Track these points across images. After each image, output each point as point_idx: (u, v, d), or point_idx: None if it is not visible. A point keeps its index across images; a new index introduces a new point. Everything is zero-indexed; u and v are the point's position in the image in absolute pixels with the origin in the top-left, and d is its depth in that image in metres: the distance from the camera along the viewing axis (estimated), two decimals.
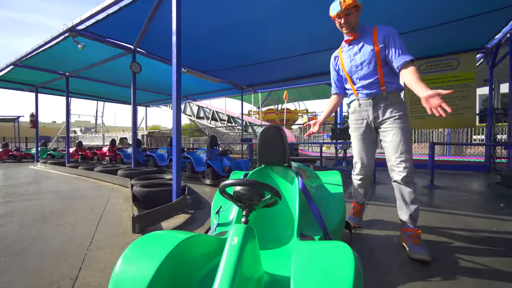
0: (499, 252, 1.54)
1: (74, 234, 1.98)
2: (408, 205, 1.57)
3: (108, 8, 3.33)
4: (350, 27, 1.61)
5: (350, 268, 0.69)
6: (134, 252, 0.86)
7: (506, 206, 2.53)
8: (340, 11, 1.55)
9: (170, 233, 0.99)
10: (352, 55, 1.67)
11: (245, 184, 0.99)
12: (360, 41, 1.64)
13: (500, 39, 4.53)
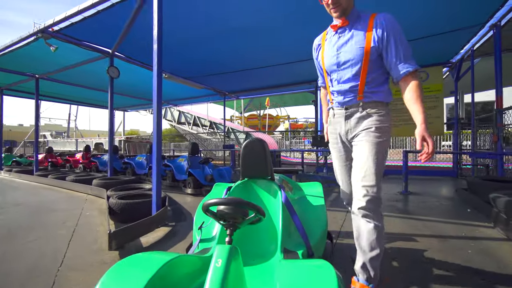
0: (470, 259, 1.65)
1: (44, 252, 1.84)
2: (364, 250, 1.16)
3: (84, 11, 3.19)
4: (341, 8, 1.20)
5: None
6: (113, 278, 0.82)
7: (472, 211, 2.73)
8: None
9: (151, 255, 0.95)
10: (337, 48, 1.26)
11: (229, 203, 0.98)
12: (350, 31, 1.23)
13: (463, 54, 4.93)
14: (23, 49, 4.50)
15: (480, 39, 4.18)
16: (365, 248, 1.16)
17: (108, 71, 4.47)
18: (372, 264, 1.15)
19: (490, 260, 1.63)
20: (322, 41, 1.37)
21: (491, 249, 1.79)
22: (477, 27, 3.72)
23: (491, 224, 2.27)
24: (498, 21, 3.51)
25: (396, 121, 5.83)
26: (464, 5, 3.13)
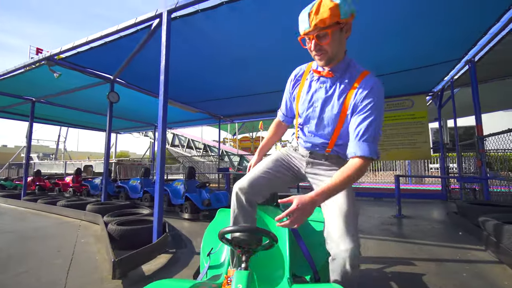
0: (466, 283, 1.72)
1: (41, 284, 1.79)
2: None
3: (92, 42, 3.36)
4: (326, 56, 1.03)
5: None
6: None
7: (463, 233, 2.83)
8: (309, 30, 0.97)
9: (171, 282, 1.00)
10: (315, 100, 1.14)
11: (245, 230, 1.05)
12: (332, 87, 1.09)
13: (443, 85, 5.34)
14: (24, 75, 4.59)
15: (458, 72, 4.58)
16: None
17: (108, 96, 4.58)
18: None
19: (485, 283, 1.70)
20: (303, 79, 1.21)
21: (485, 272, 1.88)
22: (454, 61, 4.10)
23: (483, 247, 2.37)
24: (472, 57, 3.90)
25: (386, 145, 6.09)
26: (441, 43, 3.48)
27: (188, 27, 3.05)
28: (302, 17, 0.99)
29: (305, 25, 0.98)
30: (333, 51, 1.03)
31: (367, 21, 2.98)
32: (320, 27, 0.95)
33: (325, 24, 0.94)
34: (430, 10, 2.76)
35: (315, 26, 0.95)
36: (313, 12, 0.94)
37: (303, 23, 0.99)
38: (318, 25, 0.94)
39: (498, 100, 6.82)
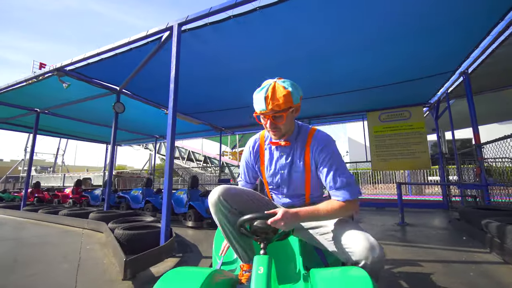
0: (473, 281, 1.75)
1: (51, 285, 1.79)
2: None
3: (103, 54, 3.50)
4: (279, 133, 1.17)
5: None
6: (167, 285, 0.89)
7: (467, 238, 2.86)
8: (265, 110, 1.09)
9: (191, 269, 1.04)
10: (279, 167, 1.25)
11: (262, 217, 1.11)
12: (290, 154, 1.22)
13: (439, 96, 5.52)
14: (30, 86, 4.71)
15: (452, 84, 4.76)
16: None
17: (114, 106, 4.68)
18: None
19: (491, 282, 1.73)
20: (261, 150, 1.31)
21: (490, 271, 1.90)
22: (448, 73, 4.29)
23: (487, 249, 2.40)
24: (466, 69, 4.08)
25: (385, 155, 6.18)
26: (435, 56, 3.66)
27: (195, 39, 3.20)
28: (258, 98, 1.11)
29: (261, 106, 1.09)
30: (286, 129, 1.17)
31: (365, 36, 3.17)
32: (276, 110, 1.08)
33: (280, 108, 1.07)
34: (423, 23, 2.95)
35: (271, 109, 1.08)
36: (269, 97, 1.07)
37: (259, 104, 1.10)
38: (274, 109, 1.07)
39: (491, 112, 7.02)
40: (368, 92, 5.16)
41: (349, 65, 3.99)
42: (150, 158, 14.42)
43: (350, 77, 4.44)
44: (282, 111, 1.08)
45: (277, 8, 2.63)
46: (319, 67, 4.00)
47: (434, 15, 2.81)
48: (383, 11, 2.75)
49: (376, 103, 6.06)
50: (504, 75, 4.44)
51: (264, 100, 1.07)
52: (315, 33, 3.12)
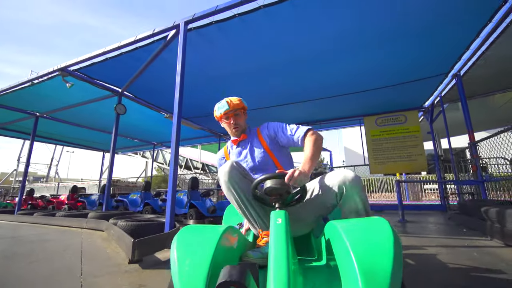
0: (478, 258, 1.78)
1: (56, 268, 1.76)
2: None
3: (108, 53, 3.59)
4: (240, 129, 1.53)
5: (389, 231, 0.79)
6: (187, 237, 0.91)
7: (468, 230, 2.90)
8: (229, 110, 1.46)
9: (208, 225, 1.06)
10: (243, 156, 1.53)
11: (277, 176, 1.15)
12: (248, 142, 1.54)
13: (433, 100, 5.70)
14: (29, 88, 4.74)
15: (446, 87, 4.95)
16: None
17: (116, 108, 4.72)
18: None
19: (495, 259, 1.76)
20: (226, 155, 1.63)
21: (494, 252, 1.94)
22: (441, 76, 4.47)
23: (488, 237, 2.44)
24: (458, 71, 4.26)
25: (383, 159, 6.27)
26: (428, 57, 3.83)
27: (200, 38, 3.32)
28: (221, 104, 1.50)
29: (225, 108, 1.48)
30: (243, 125, 1.56)
31: (360, 38, 3.32)
32: (236, 108, 1.50)
33: (239, 107, 1.51)
34: (415, 26, 3.11)
35: (232, 107, 1.48)
36: (230, 101, 1.49)
37: (223, 107, 1.49)
38: (234, 107, 1.49)
39: (479, 120, 7.22)
40: (364, 96, 5.31)
41: (344, 67, 4.14)
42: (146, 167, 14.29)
43: (346, 79, 4.58)
44: (240, 109, 1.52)
45: (280, 7, 2.77)
46: (320, 68, 4.13)
47: (424, 17, 2.97)
48: (376, 14, 2.91)
49: (372, 107, 6.21)
50: (495, 79, 4.64)
51: (226, 103, 1.48)
52: (315, 33, 3.27)
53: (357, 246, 0.76)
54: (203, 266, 0.77)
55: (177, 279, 0.75)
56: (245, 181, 1.27)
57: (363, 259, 0.71)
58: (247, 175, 1.29)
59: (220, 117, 1.52)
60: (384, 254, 0.71)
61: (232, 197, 1.25)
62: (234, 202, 1.26)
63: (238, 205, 1.28)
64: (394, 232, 0.79)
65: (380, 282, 0.66)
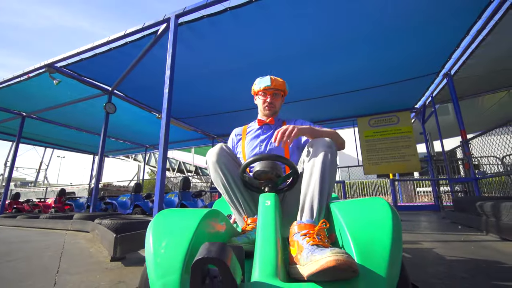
0: (475, 251, 1.73)
1: (33, 267, 1.63)
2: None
3: (97, 48, 3.49)
4: (274, 110, 1.43)
5: (388, 210, 0.72)
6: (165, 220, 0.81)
7: (463, 227, 2.86)
8: (269, 86, 1.38)
9: (188, 209, 0.96)
10: (260, 141, 1.41)
11: (264, 157, 1.08)
12: (272, 129, 1.43)
13: (425, 101, 5.75)
14: (15, 86, 4.60)
15: (437, 87, 4.99)
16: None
17: (105, 106, 4.61)
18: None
19: (492, 251, 1.72)
20: (243, 133, 1.51)
21: (490, 245, 1.90)
22: (432, 75, 4.51)
23: (484, 232, 2.41)
24: (449, 70, 4.30)
25: (377, 159, 6.27)
26: (418, 56, 3.85)
27: (191, 33, 3.26)
28: (264, 79, 1.43)
29: (267, 83, 1.40)
30: (278, 107, 1.47)
31: (346, 36, 3.32)
32: (277, 88, 1.41)
33: (280, 88, 1.42)
34: (405, 24, 3.12)
35: (274, 86, 1.40)
36: (273, 79, 1.41)
37: (264, 82, 1.41)
38: (276, 87, 1.40)
39: (468, 123, 7.31)
40: (357, 96, 5.31)
41: (336, 66, 4.14)
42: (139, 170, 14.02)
43: (338, 78, 4.57)
44: (280, 90, 1.43)
45: (271, 1, 2.74)
46: (311, 65, 4.12)
47: (414, 14, 2.98)
48: (367, 12, 2.91)
49: (365, 108, 6.23)
50: (485, 79, 4.71)
51: (269, 79, 1.40)
52: (308, 29, 3.25)
53: (353, 223, 0.69)
54: (181, 248, 0.68)
55: (151, 262, 0.66)
56: (234, 164, 1.17)
57: (359, 235, 0.65)
58: (236, 159, 1.20)
59: (258, 92, 1.44)
60: (382, 228, 0.65)
61: (218, 179, 1.14)
62: (220, 185, 1.15)
63: (225, 188, 1.15)
64: (392, 208, 0.72)
65: (378, 257, 0.59)
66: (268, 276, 0.61)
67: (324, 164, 0.93)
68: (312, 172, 0.94)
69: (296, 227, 0.80)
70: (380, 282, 0.55)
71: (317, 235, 0.72)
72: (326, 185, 0.91)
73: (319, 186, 0.89)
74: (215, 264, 0.54)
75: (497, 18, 3.07)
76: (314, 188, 0.90)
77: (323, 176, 0.91)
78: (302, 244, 0.70)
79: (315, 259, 0.58)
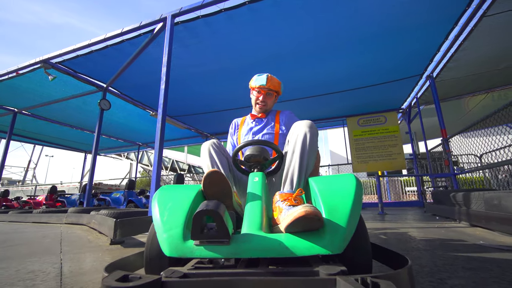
0: (445, 234, 1.92)
1: (34, 252, 1.73)
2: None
3: (94, 45, 3.57)
4: (265, 108, 1.56)
5: (353, 182, 0.89)
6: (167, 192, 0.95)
7: (440, 218, 3.08)
8: (264, 86, 1.50)
9: (185, 185, 1.09)
10: (252, 133, 1.54)
11: (253, 143, 1.23)
12: (263, 121, 1.57)
13: (410, 102, 6.02)
14: (11, 81, 4.60)
15: (421, 88, 5.26)
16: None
17: (100, 103, 4.66)
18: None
19: (460, 235, 1.91)
20: (241, 124, 1.66)
21: (459, 230, 2.09)
22: (416, 77, 4.76)
23: (457, 221, 2.62)
24: (431, 72, 4.56)
25: (365, 157, 6.51)
26: (402, 59, 4.09)
27: (187, 32, 3.38)
28: (260, 77, 1.54)
29: (262, 82, 1.51)
30: (269, 106, 1.58)
31: (334, 39, 3.51)
32: (271, 89, 1.53)
33: (275, 88, 1.54)
34: (389, 26, 3.33)
35: (268, 86, 1.51)
36: (269, 79, 1.52)
37: (260, 80, 1.52)
38: (270, 87, 1.52)
39: (452, 123, 7.67)
40: (346, 97, 5.54)
41: (325, 67, 4.33)
42: (131, 169, 13.94)
43: (328, 79, 4.77)
44: (275, 91, 1.56)
45: (263, 4, 2.89)
46: (302, 66, 4.29)
47: (397, 19, 3.18)
48: (353, 17, 3.10)
49: (355, 108, 6.47)
50: (464, 82, 4.99)
51: (266, 78, 1.51)
52: (298, 32, 3.42)
53: (324, 191, 0.85)
54: (183, 209, 0.83)
55: (159, 220, 0.80)
56: (223, 157, 1.30)
57: (328, 199, 0.80)
58: (224, 153, 1.33)
59: (253, 88, 1.56)
60: (346, 194, 0.81)
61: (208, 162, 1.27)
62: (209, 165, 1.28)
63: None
64: (358, 181, 0.88)
65: (340, 214, 0.74)
66: (254, 229, 0.76)
67: (304, 143, 1.08)
68: (294, 149, 1.09)
69: (278, 196, 0.95)
70: (340, 231, 0.71)
71: (294, 199, 0.87)
72: (305, 161, 1.06)
73: (299, 162, 1.04)
74: (212, 215, 0.69)
75: (472, 24, 3.31)
76: (295, 164, 1.05)
77: (302, 153, 1.06)
78: (282, 207, 0.86)
79: (290, 213, 0.73)
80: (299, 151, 1.06)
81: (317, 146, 1.13)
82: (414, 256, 1.25)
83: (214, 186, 0.92)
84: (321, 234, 0.71)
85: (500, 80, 5.05)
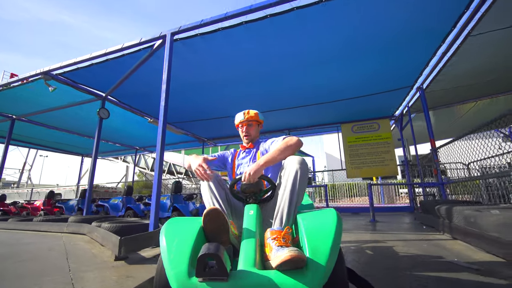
0: (426, 249, 2.08)
1: (44, 267, 1.84)
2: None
3: (95, 59, 3.66)
4: (250, 138, 1.73)
5: (334, 219, 1.04)
6: (173, 226, 1.09)
7: (427, 228, 3.25)
8: (243, 120, 1.71)
9: (191, 217, 1.24)
10: (245, 163, 1.69)
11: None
12: (252, 151, 1.72)
13: (402, 110, 6.21)
14: (10, 90, 4.67)
15: (412, 98, 5.44)
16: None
17: (99, 112, 4.74)
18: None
19: (439, 248, 2.07)
20: (235, 155, 1.81)
21: (441, 244, 2.25)
22: (407, 88, 4.93)
23: (441, 232, 2.78)
24: (421, 84, 4.74)
25: (358, 163, 6.68)
26: (394, 72, 4.25)
27: (185, 48, 3.50)
28: (239, 114, 1.76)
29: (241, 118, 1.73)
30: (254, 135, 1.76)
31: (329, 53, 3.66)
32: (249, 119, 1.73)
33: (253, 119, 1.73)
34: (382, 41, 3.47)
35: (247, 119, 1.72)
36: (246, 113, 1.73)
37: (239, 117, 1.75)
38: (248, 119, 1.73)
39: (440, 131, 7.87)
40: (341, 105, 5.70)
41: (321, 78, 4.48)
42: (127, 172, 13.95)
43: (322, 90, 4.93)
44: (253, 121, 1.75)
45: (260, 24, 3.02)
46: (297, 78, 4.44)
47: (389, 35, 3.34)
48: (347, 31, 3.24)
49: (349, 115, 6.64)
50: (453, 92, 5.18)
51: (243, 114, 1.74)
52: (293, 48, 3.55)
53: (308, 229, 0.99)
54: (187, 247, 0.96)
55: (166, 258, 0.93)
56: (221, 190, 1.40)
57: (311, 237, 0.94)
58: (223, 185, 1.43)
59: (237, 125, 1.78)
60: (327, 232, 0.95)
61: (208, 196, 1.39)
62: (210, 200, 1.39)
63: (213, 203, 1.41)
64: (338, 216, 1.03)
65: (321, 252, 0.88)
66: (249, 266, 0.89)
67: (294, 179, 1.21)
68: (286, 187, 1.22)
69: (269, 233, 1.08)
70: (320, 269, 0.84)
71: (282, 238, 1.00)
72: (294, 198, 1.19)
73: (289, 199, 1.18)
74: (213, 257, 0.82)
75: (459, 42, 3.48)
76: (285, 201, 1.18)
77: (292, 191, 1.19)
78: (272, 245, 0.99)
79: (279, 255, 0.86)
80: (290, 188, 1.19)
81: (306, 181, 1.26)
82: (393, 277, 1.39)
83: (213, 223, 1.05)
84: (305, 272, 0.85)
85: (489, 90, 5.25)
